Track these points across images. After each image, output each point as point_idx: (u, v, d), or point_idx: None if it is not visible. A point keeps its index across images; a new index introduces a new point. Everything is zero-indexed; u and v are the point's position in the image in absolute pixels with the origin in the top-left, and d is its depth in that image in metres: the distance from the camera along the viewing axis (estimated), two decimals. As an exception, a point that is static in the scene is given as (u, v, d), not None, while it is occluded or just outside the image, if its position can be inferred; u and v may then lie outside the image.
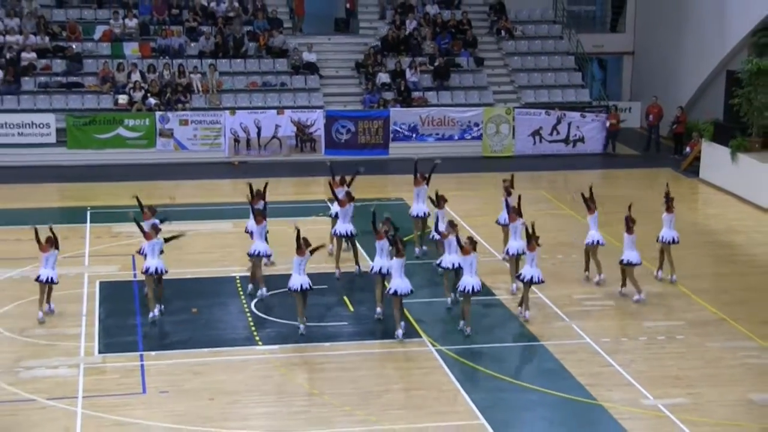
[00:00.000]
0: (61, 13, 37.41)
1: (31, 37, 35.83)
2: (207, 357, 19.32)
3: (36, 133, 33.71)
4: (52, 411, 17.14)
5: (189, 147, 34.38)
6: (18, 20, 36.24)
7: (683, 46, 37.99)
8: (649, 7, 40.64)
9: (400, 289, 19.77)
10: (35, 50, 35.50)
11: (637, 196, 31.03)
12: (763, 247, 26.68)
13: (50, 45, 35.95)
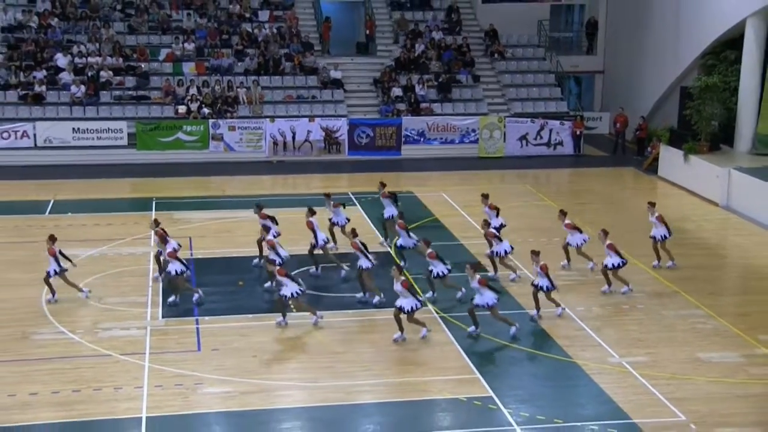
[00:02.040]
0: (132, 38, 37.39)
1: (108, 58, 35.83)
2: (251, 321, 19.32)
3: (111, 137, 33.72)
4: (125, 364, 17.18)
5: (236, 148, 34.35)
6: (98, 45, 36.24)
7: (645, 66, 37.83)
8: (616, 34, 40.48)
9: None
10: (111, 69, 35.50)
11: (606, 191, 31.10)
12: (710, 233, 26.58)
13: (123, 65, 35.95)
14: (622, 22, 39.86)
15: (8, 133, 32.88)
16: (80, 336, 18.28)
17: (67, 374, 16.66)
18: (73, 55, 35.69)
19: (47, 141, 33.20)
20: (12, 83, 34.34)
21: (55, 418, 15.24)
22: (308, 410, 15.80)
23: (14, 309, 19.58)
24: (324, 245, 22.00)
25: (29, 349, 17.71)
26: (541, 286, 19.51)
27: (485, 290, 18.49)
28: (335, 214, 23.62)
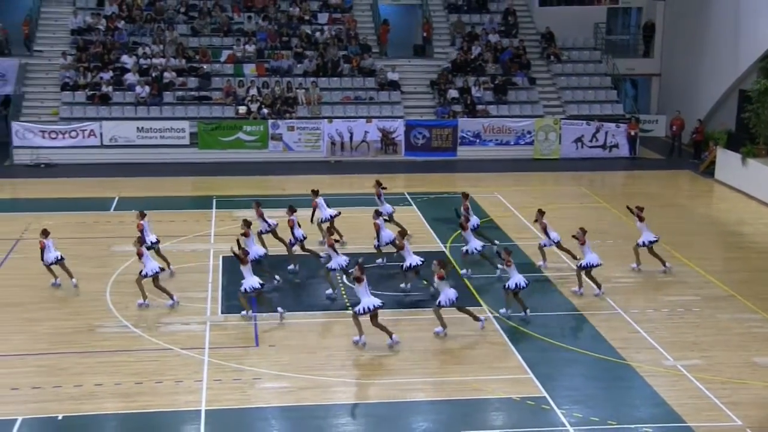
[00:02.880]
0: (195, 40, 37.79)
1: (171, 59, 36.26)
2: (308, 318, 19.41)
3: (174, 136, 34.10)
4: (185, 358, 17.36)
5: (294, 148, 34.54)
6: (162, 47, 36.70)
7: (702, 69, 37.24)
8: (673, 37, 39.89)
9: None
10: (174, 70, 35.93)
11: (661, 193, 30.67)
12: (767, 236, 26.06)
13: (186, 66, 36.35)
14: (680, 26, 39.29)
15: (76, 132, 33.45)
16: (143, 330, 18.53)
17: (130, 367, 16.89)
18: (139, 57, 36.19)
19: (113, 140, 33.70)
20: (80, 84, 34.92)
21: (118, 408, 15.47)
22: (362, 406, 15.84)
23: (81, 303, 19.91)
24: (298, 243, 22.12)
25: (95, 342, 17.99)
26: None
27: (445, 287, 18.39)
28: (322, 209, 23.80)
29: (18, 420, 14.90)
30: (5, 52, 36.12)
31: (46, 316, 19.14)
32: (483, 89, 36.69)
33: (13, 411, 15.18)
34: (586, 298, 20.58)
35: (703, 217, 23.50)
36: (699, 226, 23.65)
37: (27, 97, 34.88)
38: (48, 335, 18.16)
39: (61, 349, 17.57)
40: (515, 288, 19.41)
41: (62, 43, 36.76)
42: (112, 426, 15.12)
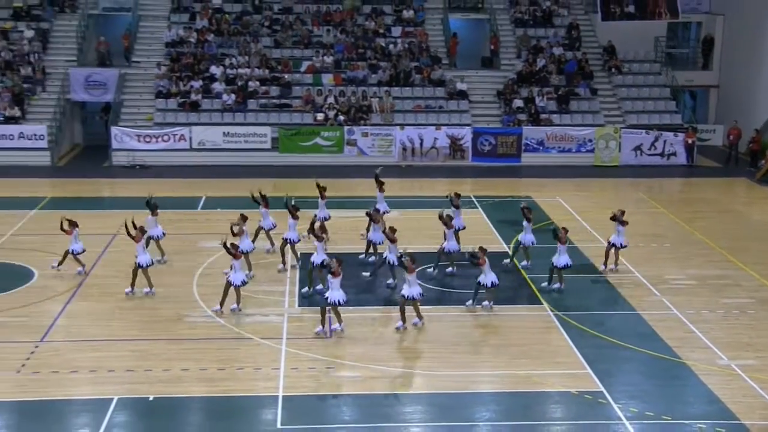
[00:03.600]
0: (277, 52, 38.15)
1: (256, 70, 36.66)
2: (379, 313, 19.44)
3: (257, 141, 34.46)
4: (264, 347, 17.52)
5: (368, 153, 34.64)
6: (247, 58, 37.15)
7: (760, 80, 36.35)
8: (732, 50, 39.01)
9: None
10: (258, 79, 36.32)
11: (718, 200, 30.01)
12: (821, 243, 25.32)
13: (269, 76, 36.72)
14: (738, 39, 38.39)
15: (168, 136, 34.03)
16: (225, 320, 18.75)
17: (214, 354, 17.12)
18: (226, 67, 36.67)
19: (201, 143, 34.20)
20: (173, 92, 35.53)
21: (202, 392, 15.70)
22: (428, 396, 15.80)
23: (170, 294, 20.24)
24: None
25: (182, 330, 18.29)
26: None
27: (414, 283, 18.20)
28: (321, 209, 23.71)
29: (114, 399, 15.22)
30: (107, 63, 36.94)
31: (139, 305, 19.51)
32: (547, 99, 36.33)
33: (110, 391, 15.52)
34: (643, 299, 20.22)
35: (759, 224, 22.90)
36: (755, 231, 23.08)
37: (125, 104, 35.63)
38: (140, 323, 18.51)
39: (152, 335, 17.90)
40: (491, 285, 19.09)
41: (157, 54, 37.45)
42: (197, 408, 15.35)
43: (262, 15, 39.41)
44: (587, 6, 41.01)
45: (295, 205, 22.21)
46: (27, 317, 18.66)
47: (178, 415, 14.96)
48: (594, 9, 39.30)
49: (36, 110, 34.84)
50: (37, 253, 22.25)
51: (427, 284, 20.76)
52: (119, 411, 14.92)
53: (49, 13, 38.07)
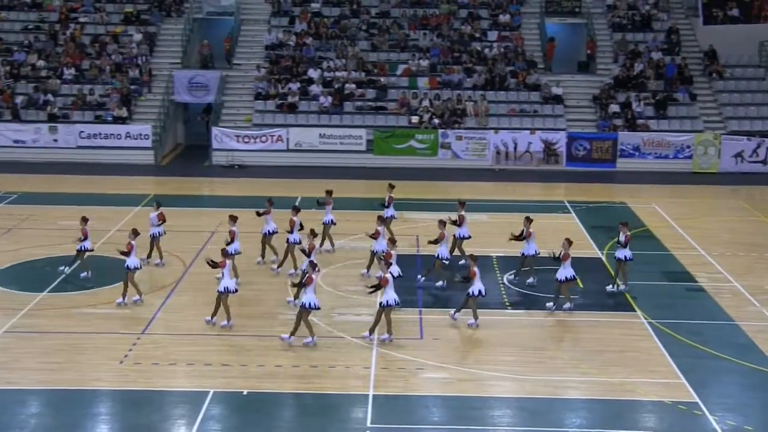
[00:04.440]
0: (374, 55, 38.38)
1: (352, 72, 36.97)
2: (469, 316, 19.32)
3: (352, 143, 34.75)
4: (356, 346, 17.64)
5: (462, 156, 34.54)
6: (344, 61, 37.49)
7: None
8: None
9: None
10: (355, 82, 36.62)
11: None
12: None
13: (365, 78, 36.98)
14: None
15: (266, 137, 34.62)
16: (318, 318, 18.93)
17: (306, 351, 17.31)
18: (323, 70, 37.09)
19: (298, 144, 34.67)
20: (271, 94, 36.13)
21: (295, 388, 15.91)
22: (517, 401, 15.66)
23: (264, 291, 20.56)
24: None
25: (277, 327, 18.54)
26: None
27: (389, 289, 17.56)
28: (327, 213, 23.14)
29: (210, 392, 15.56)
30: (209, 65, 37.82)
31: (236, 302, 19.81)
32: (644, 104, 35.60)
33: (206, 384, 15.88)
34: (741, 309, 19.62)
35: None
36: None
37: (226, 105, 36.40)
38: (237, 319, 18.82)
39: (247, 332, 18.22)
40: (477, 294, 18.50)
41: (257, 57, 38.13)
42: (290, 404, 15.56)
43: (359, 19, 39.72)
44: (688, 10, 40.03)
45: (297, 207, 21.96)
46: (130, 310, 19.23)
47: (271, 410, 15.19)
48: (695, 13, 38.36)
49: (142, 111, 35.89)
50: (139, 248, 22.86)
51: (517, 288, 20.58)
52: (215, 404, 15.24)
53: (156, 18, 39.18)
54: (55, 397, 15.41)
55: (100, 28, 38.80)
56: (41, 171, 32.16)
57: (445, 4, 40.00)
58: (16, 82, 36.10)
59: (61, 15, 38.95)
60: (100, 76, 36.48)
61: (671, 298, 20.38)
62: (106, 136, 34.47)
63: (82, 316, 18.84)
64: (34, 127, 34.35)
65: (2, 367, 16.46)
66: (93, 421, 14.79)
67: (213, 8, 39.60)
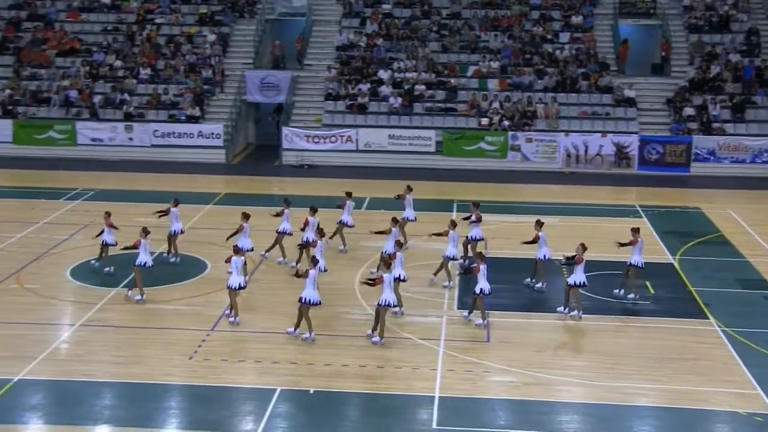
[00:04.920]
0: (444, 56, 38.30)
1: (422, 74, 36.97)
2: (537, 320, 19.19)
3: (421, 144, 34.73)
4: (422, 348, 17.62)
5: (532, 159, 34.25)
6: (414, 62, 37.50)
7: None
8: None
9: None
10: (425, 83, 36.60)
11: None
12: None
13: (435, 80, 36.93)
14: None
15: (335, 138, 34.83)
16: (386, 318, 18.93)
17: (373, 352, 17.36)
18: (393, 71, 37.15)
19: (367, 145, 34.80)
20: (341, 94, 36.34)
21: (361, 388, 15.96)
22: (585, 406, 15.46)
23: (332, 290, 20.65)
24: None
25: (344, 327, 18.64)
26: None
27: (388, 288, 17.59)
28: (347, 212, 23.15)
29: (277, 390, 15.71)
30: (281, 65, 38.21)
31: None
32: (720, 108, 34.82)
33: (273, 382, 16.03)
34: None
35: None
36: None
37: (296, 106, 36.74)
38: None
39: (315, 330, 18.31)
40: (480, 293, 18.33)
41: (328, 58, 38.38)
42: (356, 403, 15.61)
43: (430, 20, 39.69)
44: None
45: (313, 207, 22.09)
46: (200, 306, 19.53)
47: (337, 409, 15.26)
48: (776, 13, 37.38)
49: (214, 110, 36.44)
50: (211, 246, 23.23)
51: (586, 293, 20.32)
52: (281, 401, 15.38)
53: (229, 18, 39.74)
54: (127, 389, 15.73)
55: (175, 29, 39.51)
56: (117, 169, 32.89)
57: (517, 6, 39.73)
58: (95, 82, 36.98)
59: (139, 16, 39.79)
60: (174, 76, 37.14)
61: (747, 306, 19.90)
62: (179, 135, 35.10)
63: (154, 312, 19.21)
64: (110, 125, 35.16)
65: (79, 360, 16.88)
66: (164, 414, 15.07)
67: (285, 9, 40.01)
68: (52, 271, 20.45)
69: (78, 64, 37.51)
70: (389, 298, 17.61)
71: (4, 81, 36.98)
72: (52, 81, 36.79)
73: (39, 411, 14.97)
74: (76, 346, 17.56)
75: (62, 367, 16.50)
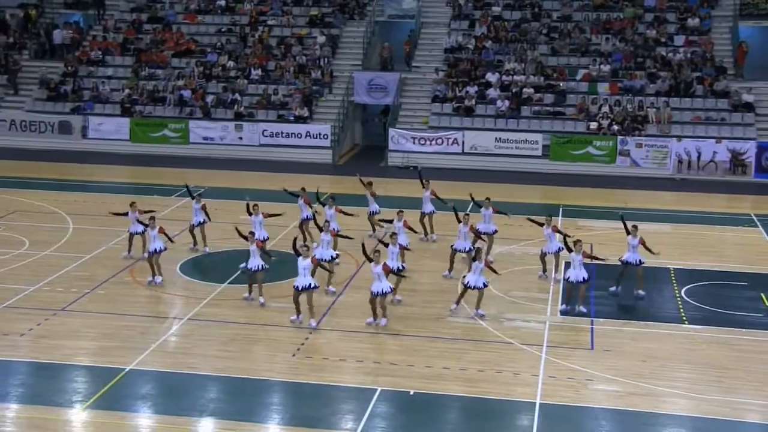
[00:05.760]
0: (554, 59, 37.86)
1: (531, 77, 36.64)
2: (643, 328, 18.78)
3: (528, 148, 34.42)
4: (523, 353, 17.48)
5: (641, 164, 33.51)
6: (523, 64, 37.20)
7: None
8: None
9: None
10: (533, 87, 36.26)
11: None
12: None
13: (544, 83, 36.53)
14: None
15: (441, 140, 34.86)
16: (487, 323, 18.89)
17: (474, 355, 17.31)
18: (501, 74, 36.94)
19: (473, 148, 34.70)
20: (448, 97, 36.35)
21: (461, 391, 15.93)
22: (691, 420, 15.03)
23: (431, 292, 20.69)
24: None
25: (445, 329, 18.64)
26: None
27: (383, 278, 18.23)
28: (372, 203, 24.01)
29: (377, 390, 15.82)
30: (389, 67, 38.48)
31: (404, 301, 20.08)
32: None
33: (374, 382, 16.16)
34: None
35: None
36: None
37: (403, 107, 36.93)
38: (405, 319, 19.05)
39: (415, 332, 18.40)
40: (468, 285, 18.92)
41: (436, 60, 38.45)
42: (455, 406, 15.59)
43: (540, 22, 39.30)
44: None
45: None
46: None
47: (437, 411, 15.27)
48: None
49: (322, 111, 36.98)
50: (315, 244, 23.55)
51: (696, 303, 19.78)
52: (381, 402, 15.48)
53: (339, 21, 40.25)
54: (230, 384, 16.12)
55: (286, 31, 40.26)
56: (227, 167, 33.73)
57: (630, 8, 38.94)
58: (208, 82, 38.03)
59: (252, 18, 40.71)
60: (284, 77, 37.85)
61: None
62: (287, 134, 35.77)
63: (258, 309, 19.62)
64: (221, 125, 36.10)
65: (186, 353, 17.40)
66: (266, 410, 15.38)
67: (395, 11, 40.26)
68: (162, 265, 21.11)
69: (192, 65, 38.66)
70: (387, 287, 18.41)
71: (123, 81, 38.40)
72: (167, 81, 38.03)
73: (148, 401, 15.50)
74: (183, 339, 18.10)
75: (170, 359, 17.04)
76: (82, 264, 22.18)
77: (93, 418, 14.81)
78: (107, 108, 37.44)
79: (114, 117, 36.96)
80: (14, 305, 19.43)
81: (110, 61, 39.76)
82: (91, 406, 15.08)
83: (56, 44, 40.76)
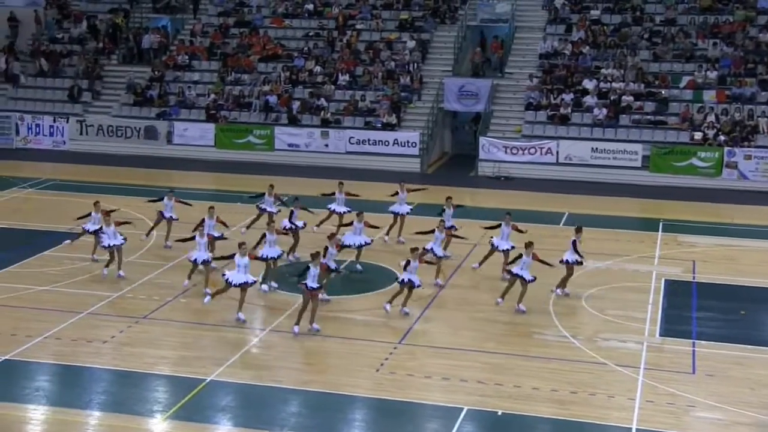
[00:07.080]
0: (655, 65, 37.16)
1: (630, 84, 36.03)
2: (750, 353, 18.20)
3: (626, 158, 33.84)
4: (619, 374, 17.14)
5: (750, 177, 32.59)
6: (622, 71, 36.60)
7: None
8: None
9: None
10: (633, 94, 35.65)
11: None
12: None
13: (644, 90, 35.89)
14: None
15: (535, 149, 34.54)
16: (581, 342, 18.59)
17: (566, 375, 17.04)
18: (599, 80, 36.43)
19: (567, 158, 34.28)
20: (543, 104, 36.01)
21: (552, 413, 15.69)
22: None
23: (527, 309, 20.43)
24: None
25: (535, 348, 18.42)
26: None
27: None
28: (400, 203, 24.69)
29: (464, 409, 15.71)
30: (480, 73, 38.34)
31: (493, 317, 19.92)
32: None
33: (460, 400, 16.04)
34: None
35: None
36: None
37: (495, 115, 36.74)
38: (494, 335, 18.93)
39: (504, 350, 18.22)
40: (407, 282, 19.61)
41: (530, 66, 38.15)
42: (545, 429, 15.37)
43: (641, 27, 38.64)
44: None
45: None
46: (388, 318, 19.85)
47: (526, 433, 15.10)
48: None
49: (410, 118, 37.05)
50: (399, 255, 23.58)
51: None
52: (468, 421, 15.36)
53: (430, 24, 40.31)
54: (313, 398, 16.22)
55: (375, 35, 40.52)
56: (312, 175, 34.02)
57: (742, 11, 37.96)
58: (294, 88, 38.52)
59: (340, 22, 41.09)
60: (372, 83, 38.07)
61: None
62: (374, 142, 35.95)
63: (342, 321, 19.72)
64: (307, 131, 36.49)
65: (268, 365, 17.60)
66: (348, 426, 15.42)
67: (487, 15, 40.11)
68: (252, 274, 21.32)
69: (279, 70, 39.21)
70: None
71: (209, 86, 39.21)
72: (253, 86, 38.66)
73: (228, 413, 15.71)
74: (265, 351, 18.31)
75: (251, 371, 17.25)
76: (163, 272, 22.65)
77: (173, 428, 15.08)
78: (192, 113, 38.27)
79: (199, 122, 37.76)
80: (98, 311, 19.97)
81: (197, 66, 40.66)
82: (172, 416, 15.37)
83: (144, 49, 41.89)
